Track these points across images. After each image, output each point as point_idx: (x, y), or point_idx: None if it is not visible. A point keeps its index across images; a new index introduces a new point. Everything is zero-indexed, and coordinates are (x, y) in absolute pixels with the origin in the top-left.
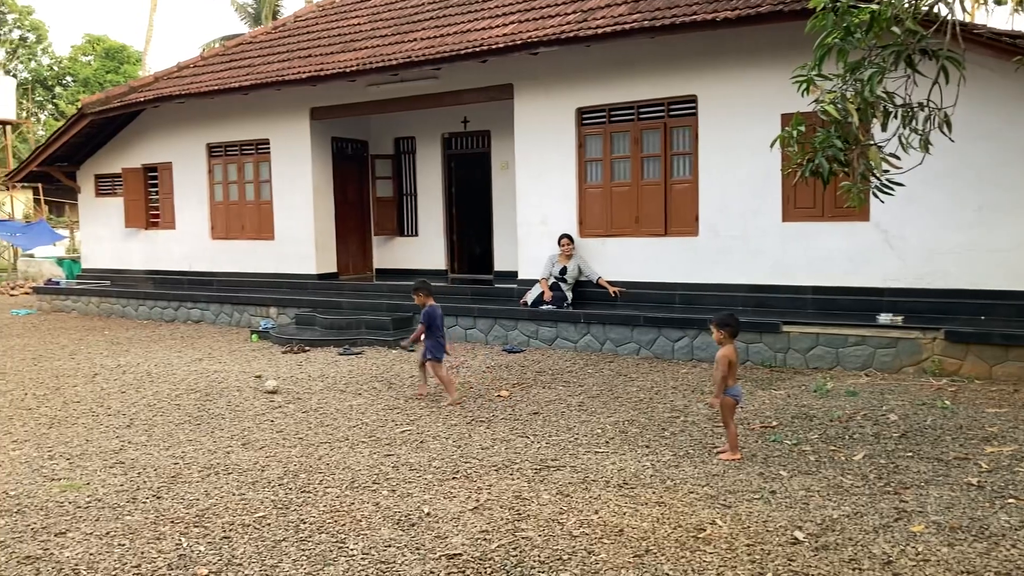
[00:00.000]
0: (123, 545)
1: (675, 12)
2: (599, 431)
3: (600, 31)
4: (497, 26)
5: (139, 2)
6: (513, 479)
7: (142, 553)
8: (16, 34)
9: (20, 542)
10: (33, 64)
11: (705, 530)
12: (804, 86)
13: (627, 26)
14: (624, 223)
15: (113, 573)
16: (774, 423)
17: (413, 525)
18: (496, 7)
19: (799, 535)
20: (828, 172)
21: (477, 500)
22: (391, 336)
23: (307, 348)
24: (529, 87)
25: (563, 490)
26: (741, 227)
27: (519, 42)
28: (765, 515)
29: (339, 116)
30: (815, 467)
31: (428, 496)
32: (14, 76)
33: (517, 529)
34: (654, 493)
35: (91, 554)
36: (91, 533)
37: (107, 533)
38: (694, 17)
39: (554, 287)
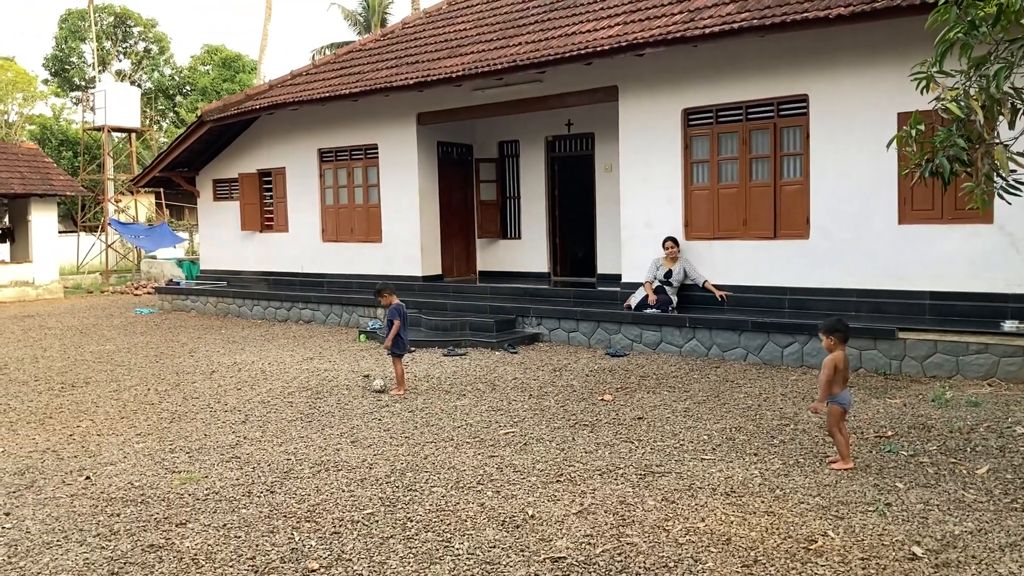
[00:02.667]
0: (239, 537)
1: (785, 10)
2: (705, 438)
3: (707, 31)
4: (602, 28)
5: (254, 13)
6: (617, 484)
7: (256, 545)
8: (141, 46)
9: (144, 531)
10: (156, 74)
11: (816, 542)
12: (924, 83)
13: (735, 25)
14: (732, 225)
15: (229, 564)
16: (889, 433)
17: (517, 527)
18: (601, 9)
19: (918, 551)
20: (949, 173)
21: (581, 504)
22: (494, 338)
23: (413, 349)
24: (634, 88)
25: (668, 496)
26: (854, 229)
27: (624, 43)
28: (880, 528)
29: (445, 121)
30: (934, 480)
31: (532, 498)
32: (139, 86)
33: (622, 534)
34: (763, 502)
35: (209, 545)
36: (209, 524)
37: (224, 525)
38: (805, 15)
39: (659, 290)
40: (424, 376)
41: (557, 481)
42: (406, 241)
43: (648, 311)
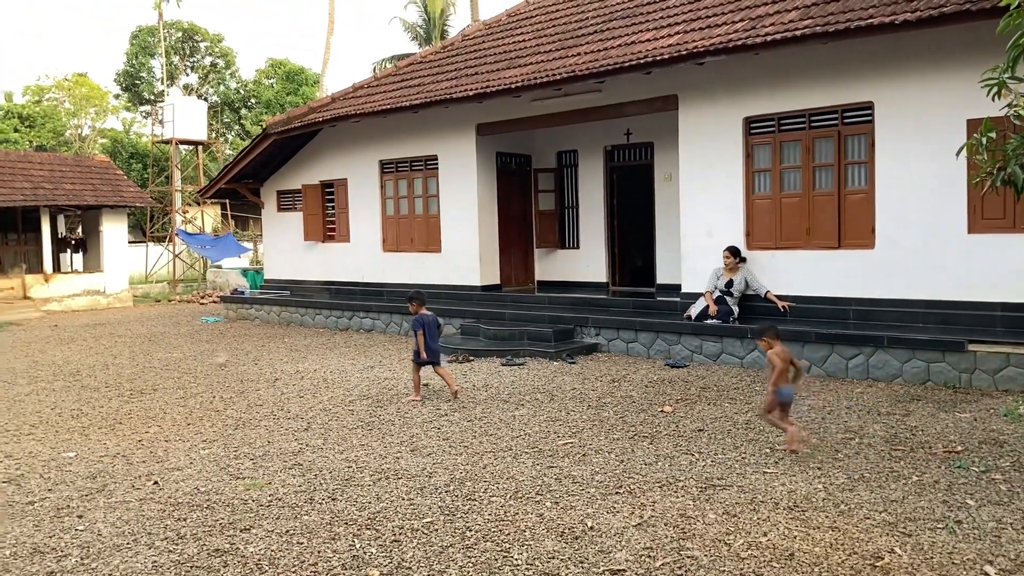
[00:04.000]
0: (301, 543)
1: (849, 16)
2: (767, 450)
3: (769, 39)
4: (662, 37)
5: (317, 26)
6: (678, 496)
7: (318, 552)
8: (208, 61)
9: (210, 536)
10: (222, 88)
11: (883, 559)
12: (995, 89)
13: (798, 33)
14: (794, 235)
15: (292, 570)
16: (959, 448)
17: (577, 538)
18: (661, 18)
19: (990, 570)
20: (1023, 181)
21: (641, 516)
22: (553, 348)
23: (471, 358)
24: (694, 97)
25: (730, 510)
26: (921, 239)
27: (684, 52)
28: (950, 546)
29: (504, 131)
30: (1007, 497)
31: (591, 510)
32: (205, 100)
33: (682, 548)
34: (827, 517)
35: (272, 550)
36: (272, 530)
37: (287, 531)
38: (870, 21)
39: (719, 301)
40: (483, 385)
41: (616, 493)
42: (465, 251)
43: (709, 322)
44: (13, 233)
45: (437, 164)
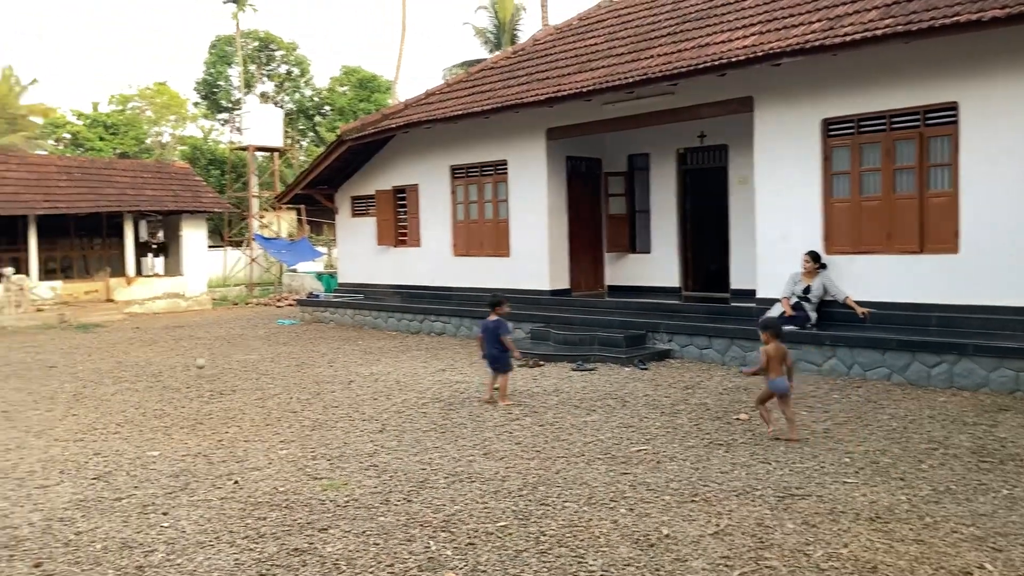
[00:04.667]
0: (377, 544)
1: (933, 14)
2: (847, 460)
3: (849, 39)
4: (737, 38)
5: (390, 33)
6: (755, 505)
7: (395, 553)
8: (283, 69)
9: (289, 535)
10: (297, 95)
11: (972, 574)
12: None
13: (879, 32)
14: (874, 239)
15: (369, 570)
16: None
17: (652, 546)
18: (736, 19)
19: None
20: None
21: (717, 525)
22: (624, 354)
23: (541, 363)
24: (770, 99)
25: (809, 520)
26: (1009, 243)
27: (760, 54)
28: None
29: (574, 135)
30: None
31: (666, 517)
32: (281, 107)
33: (760, 558)
34: (911, 529)
35: (350, 550)
36: (349, 531)
37: (363, 532)
38: (956, 18)
39: (796, 307)
40: (553, 390)
41: (692, 501)
42: (534, 255)
43: (785, 328)
44: (98, 237)
45: (507, 169)
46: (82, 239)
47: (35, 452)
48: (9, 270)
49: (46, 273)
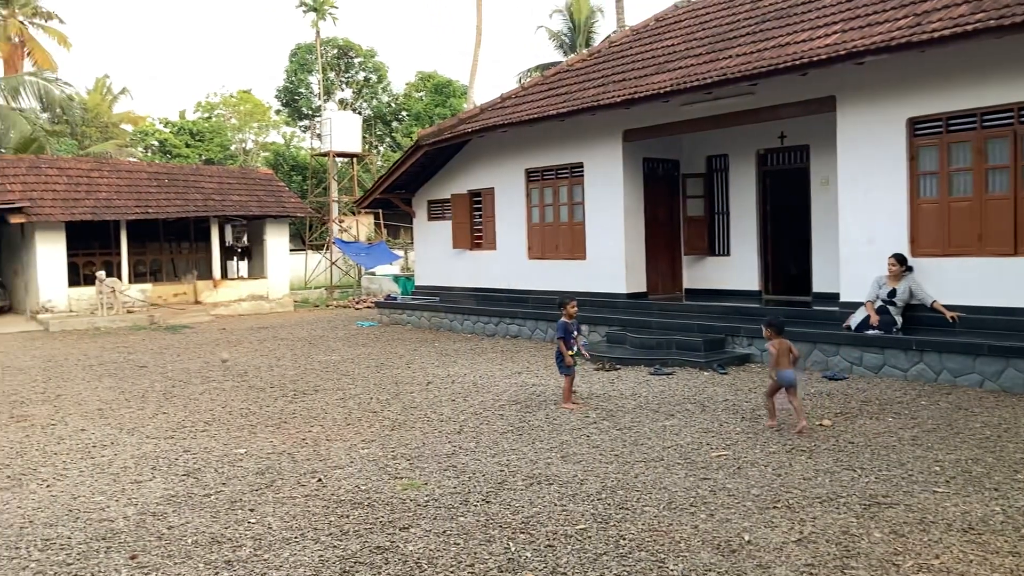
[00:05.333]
0: (458, 544)
1: None
2: (937, 469)
3: (937, 35)
4: (819, 37)
5: (464, 38)
6: (839, 513)
7: (475, 553)
8: (361, 76)
9: (371, 533)
10: (374, 101)
11: None
12: None
13: (969, 27)
14: (964, 241)
15: (450, 569)
16: None
17: (734, 552)
18: (817, 17)
19: None
20: None
21: (801, 532)
22: (703, 358)
23: (618, 366)
24: (853, 98)
25: (897, 529)
26: None
27: (843, 52)
28: None
29: (651, 137)
30: None
31: (748, 523)
32: (359, 113)
33: (846, 566)
34: (1006, 541)
35: (431, 550)
36: (430, 530)
37: (443, 531)
38: None
39: (881, 310)
40: (630, 394)
41: (774, 507)
42: (610, 258)
43: (870, 332)
44: (186, 241)
45: (583, 171)
46: (170, 243)
47: (128, 448)
48: (102, 273)
49: (136, 276)
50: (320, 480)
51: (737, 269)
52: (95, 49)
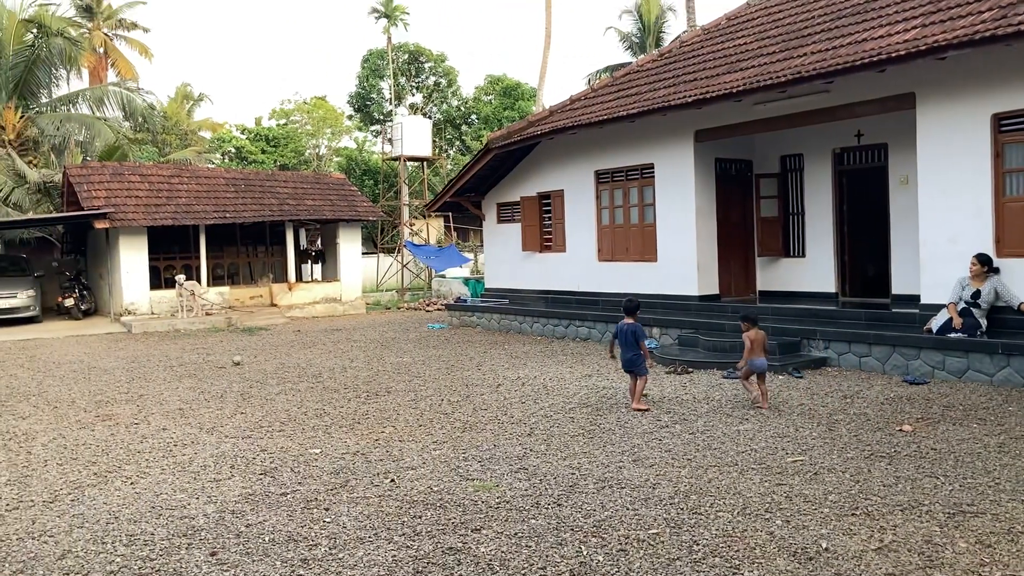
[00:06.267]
0: (529, 547)
1: None
2: None
3: None
4: (897, 32)
5: (534, 42)
6: (922, 521)
7: (546, 556)
8: (431, 80)
9: (443, 534)
10: (444, 106)
11: None
12: None
13: None
14: None
15: (522, 572)
16: None
17: (811, 559)
18: (895, 12)
19: None
20: None
21: (881, 540)
22: (778, 361)
23: (690, 370)
24: (934, 95)
25: (983, 539)
26: None
27: (924, 47)
28: None
29: (723, 137)
30: None
31: (825, 530)
32: (429, 117)
33: None
34: None
35: (503, 551)
36: (502, 532)
37: (515, 534)
38: None
39: (964, 313)
40: (703, 398)
41: (852, 514)
42: (682, 260)
43: (952, 335)
44: (262, 245)
45: (653, 172)
46: (247, 247)
47: (207, 448)
48: (181, 277)
49: (215, 279)
50: (393, 480)
51: (812, 270)
52: (175, 57)
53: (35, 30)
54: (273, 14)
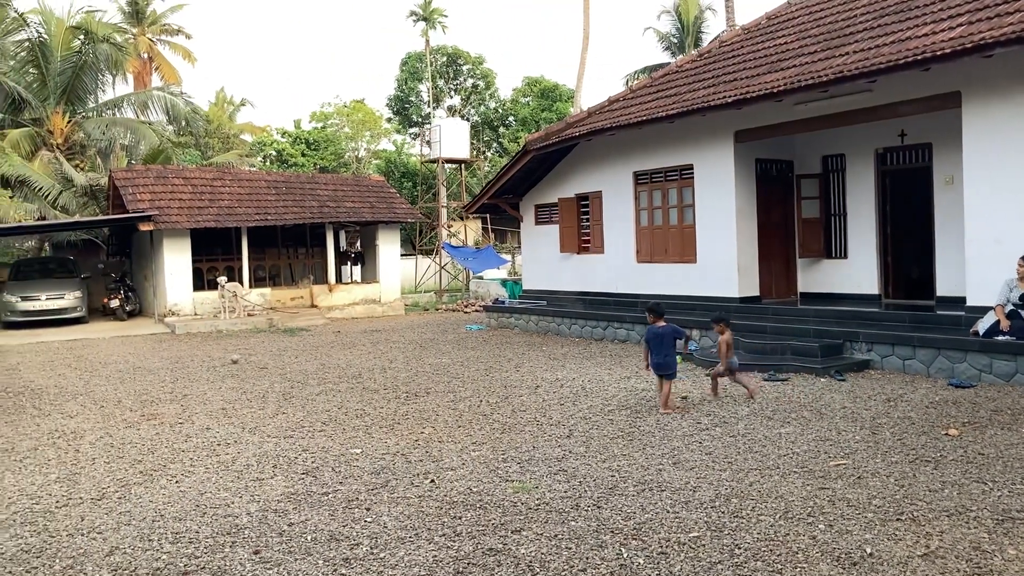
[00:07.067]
0: (569, 549)
1: None
2: None
3: None
4: (942, 30)
5: (571, 43)
6: (969, 527)
7: (586, 558)
8: (469, 83)
9: (483, 535)
10: (482, 108)
11: None
12: None
13: None
14: None
15: (562, 573)
16: None
17: (855, 564)
18: (940, 10)
19: None
20: None
21: (927, 546)
22: (819, 364)
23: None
24: (980, 93)
25: None
26: None
27: (970, 45)
28: None
29: (763, 137)
30: None
31: (870, 536)
32: (467, 120)
33: None
34: None
35: (543, 553)
36: (541, 534)
37: (555, 535)
38: None
39: (1012, 315)
40: (744, 400)
41: (897, 519)
42: (722, 261)
43: (1000, 338)
44: (302, 247)
45: (692, 173)
46: (288, 249)
47: (250, 447)
48: (223, 279)
49: (256, 281)
50: (433, 481)
51: (855, 272)
52: (217, 61)
53: (82, 36)
54: (314, 20)
